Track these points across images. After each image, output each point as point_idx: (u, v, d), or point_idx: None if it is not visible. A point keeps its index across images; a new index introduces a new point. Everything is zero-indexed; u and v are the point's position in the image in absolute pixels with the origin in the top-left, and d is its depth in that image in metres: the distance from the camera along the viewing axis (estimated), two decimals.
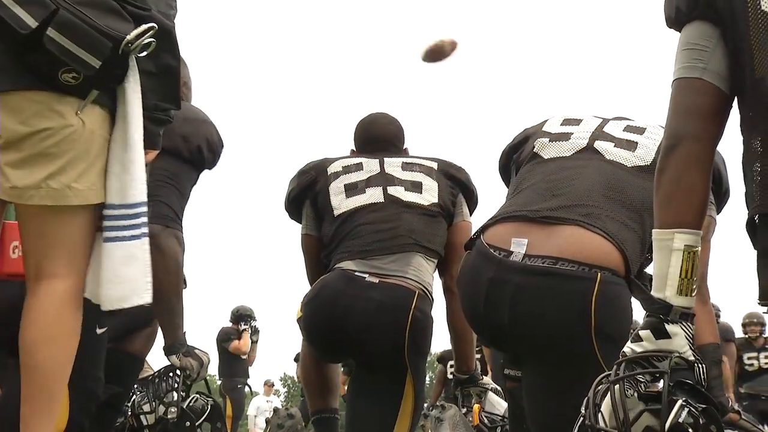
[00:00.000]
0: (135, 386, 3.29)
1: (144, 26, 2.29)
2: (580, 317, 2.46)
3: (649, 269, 2.59)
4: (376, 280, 3.26)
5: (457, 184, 3.56)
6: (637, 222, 2.60)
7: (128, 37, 2.26)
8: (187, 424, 3.17)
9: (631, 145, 2.77)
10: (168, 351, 3.25)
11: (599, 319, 2.45)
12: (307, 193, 3.54)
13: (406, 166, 3.54)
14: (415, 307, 3.23)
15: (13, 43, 2.17)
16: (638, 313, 2.43)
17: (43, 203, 2.26)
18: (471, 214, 3.59)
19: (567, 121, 2.93)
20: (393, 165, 3.54)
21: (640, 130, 2.83)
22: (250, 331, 10.99)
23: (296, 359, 12.50)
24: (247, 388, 10.44)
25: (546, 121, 2.99)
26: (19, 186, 2.25)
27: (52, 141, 2.24)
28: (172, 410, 3.20)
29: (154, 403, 3.20)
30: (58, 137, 2.25)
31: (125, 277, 2.41)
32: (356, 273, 3.28)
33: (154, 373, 3.29)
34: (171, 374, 3.24)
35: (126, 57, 2.31)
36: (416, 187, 3.48)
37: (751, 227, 1.87)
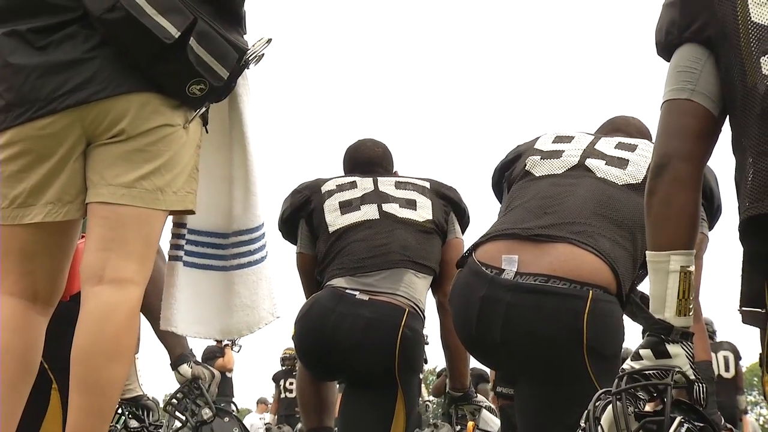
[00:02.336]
0: (122, 405, 3.27)
1: (264, 38, 2.36)
2: (572, 335, 2.48)
3: (642, 287, 2.71)
4: (366, 297, 3.29)
5: (449, 203, 3.61)
6: (628, 239, 2.62)
7: (251, 49, 2.32)
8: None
9: (622, 163, 2.79)
10: (177, 362, 3.25)
11: (591, 336, 2.48)
12: (301, 213, 3.58)
13: (399, 185, 3.59)
14: (404, 325, 3.26)
15: (147, 54, 2.21)
16: (631, 330, 2.60)
17: (134, 204, 2.24)
18: (463, 233, 3.63)
19: (559, 139, 2.96)
20: (386, 183, 3.59)
21: (632, 147, 2.86)
22: (232, 347, 10.98)
23: (274, 378, 12.49)
24: (233, 407, 10.40)
25: (538, 138, 3.02)
26: (113, 184, 2.24)
27: (151, 139, 2.26)
28: (206, 412, 3.19)
29: (189, 421, 3.18)
30: (158, 135, 2.26)
31: (261, 299, 2.47)
32: (347, 290, 3.32)
33: (175, 394, 3.27)
34: (194, 387, 3.22)
35: (243, 69, 2.37)
36: (410, 204, 3.52)
37: (743, 233, 1.90)
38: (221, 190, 2.57)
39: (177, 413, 3.22)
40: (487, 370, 7.99)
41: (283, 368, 12.47)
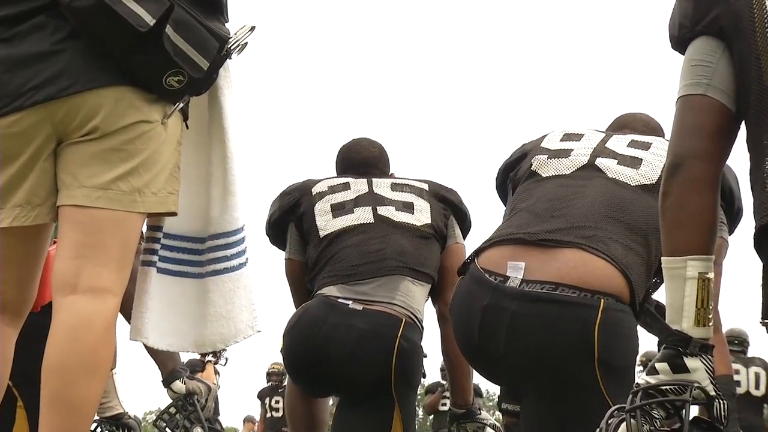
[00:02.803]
0: (101, 424, 3.18)
1: (247, 25, 2.30)
2: (583, 346, 2.42)
3: (657, 295, 2.64)
4: (359, 306, 3.19)
5: (448, 206, 3.51)
6: (641, 244, 2.56)
7: (232, 37, 2.26)
8: None
9: (635, 162, 2.72)
10: (170, 379, 3.18)
11: (603, 348, 2.41)
12: (289, 216, 3.48)
13: (395, 187, 3.48)
14: (401, 336, 3.16)
15: (120, 44, 2.15)
16: (645, 341, 2.51)
17: (111, 207, 2.18)
18: (464, 238, 3.53)
19: (567, 137, 2.89)
20: (382, 185, 3.49)
21: (646, 146, 2.79)
22: (217, 362, 10.67)
23: (259, 396, 12.23)
24: (218, 426, 10.18)
25: (545, 136, 2.95)
26: (87, 185, 2.17)
27: (127, 136, 2.20)
28: (198, 431, 3.12)
29: None
30: (135, 133, 2.21)
31: (238, 309, 2.40)
32: (339, 300, 3.21)
33: (167, 409, 3.20)
34: (188, 402, 3.15)
35: (224, 59, 2.31)
36: (407, 207, 3.42)
37: (759, 240, 1.86)
38: (198, 191, 2.51)
39: (167, 430, 3.14)
40: (483, 383, 7.88)
41: (269, 384, 12.20)
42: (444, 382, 10.66)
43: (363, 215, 3.38)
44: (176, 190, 2.32)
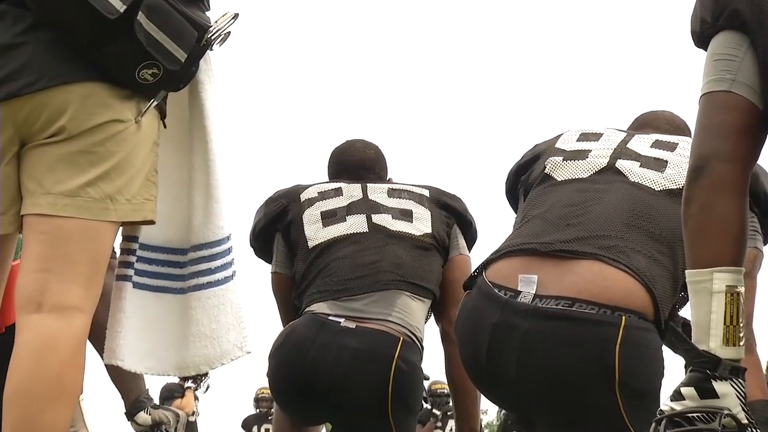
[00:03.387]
0: None
1: (230, 12, 2.23)
2: (602, 368, 2.32)
3: (684, 312, 2.56)
4: (352, 324, 3.03)
5: (451, 214, 3.36)
6: (667, 255, 2.46)
7: (213, 26, 2.21)
8: None
9: (659, 164, 2.62)
10: (133, 410, 3.06)
11: (624, 370, 2.32)
12: (276, 225, 3.32)
13: (392, 193, 3.34)
14: (399, 357, 3.00)
15: (87, 34, 2.07)
16: (671, 363, 2.40)
17: (79, 216, 2.09)
18: (470, 249, 3.39)
19: (584, 136, 2.78)
20: (377, 191, 3.34)
21: (671, 146, 2.68)
22: (197, 388, 10.29)
23: (244, 425, 11.85)
24: None
25: (560, 135, 2.84)
26: (54, 192, 2.08)
27: (98, 137, 2.12)
28: None
29: None
30: (106, 133, 2.12)
31: (224, 328, 2.33)
32: (330, 317, 3.06)
33: None
34: None
35: (204, 50, 2.24)
36: (405, 215, 3.28)
37: None
38: (179, 197, 2.41)
39: None
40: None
41: (257, 412, 11.86)
42: (437, 412, 10.51)
43: (356, 224, 3.23)
44: (153, 196, 2.23)
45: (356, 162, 3.47)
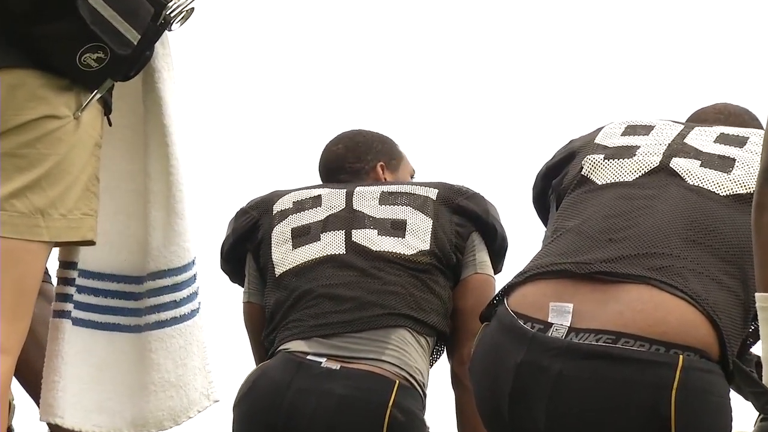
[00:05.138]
0: None
1: None
2: (655, 420, 2.13)
3: (756, 348, 2.41)
4: (336, 365, 2.71)
5: (468, 219, 2.94)
6: (735, 278, 2.27)
7: (173, 1, 2.08)
8: None
9: (726, 163, 2.42)
10: None
11: (682, 421, 2.11)
12: (246, 244, 2.99)
13: (386, 198, 2.95)
14: (393, 404, 2.68)
15: (17, 10, 1.93)
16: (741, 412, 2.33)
17: (3, 234, 1.96)
18: (498, 265, 3.02)
19: (631, 129, 2.56)
20: (366, 197, 2.96)
21: (740, 141, 2.47)
22: None
23: None
24: None
25: (601, 129, 2.62)
26: None
27: (26, 137, 1.98)
28: None
29: None
30: (37, 133, 1.98)
31: (191, 373, 2.24)
32: (308, 357, 2.74)
33: None
34: None
35: (162, 30, 2.10)
36: (397, 227, 2.90)
37: None
38: (133, 213, 2.28)
39: None
40: None
41: None
42: None
43: (332, 243, 2.89)
44: (94, 211, 2.07)
45: (325, 165, 3.17)
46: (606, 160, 2.51)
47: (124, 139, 2.25)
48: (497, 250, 2.98)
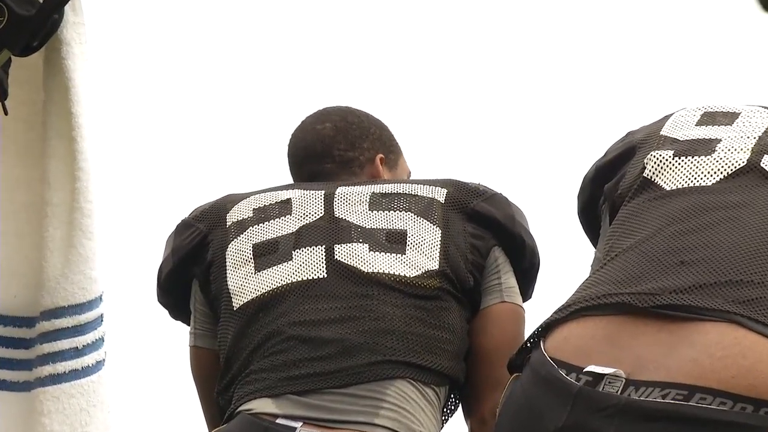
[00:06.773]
0: None
1: None
2: None
3: None
4: (313, 431, 2.33)
5: (487, 228, 2.48)
6: None
7: None
8: None
9: None
10: None
11: None
12: (191, 267, 2.52)
13: (378, 202, 2.51)
14: None
15: None
16: None
17: None
18: (527, 290, 2.55)
19: (709, 117, 2.25)
20: (352, 201, 2.52)
21: None
22: None
23: None
24: None
25: (668, 117, 2.29)
26: None
27: None
28: None
29: None
30: None
31: None
32: (278, 419, 2.32)
33: None
34: None
35: None
36: (394, 240, 2.46)
37: None
38: (23, 232, 2.07)
39: None
40: None
41: None
42: None
43: (307, 264, 2.44)
44: None
45: (303, 150, 2.66)
46: (676, 158, 2.18)
47: (15, 135, 2.03)
48: (526, 269, 2.52)
